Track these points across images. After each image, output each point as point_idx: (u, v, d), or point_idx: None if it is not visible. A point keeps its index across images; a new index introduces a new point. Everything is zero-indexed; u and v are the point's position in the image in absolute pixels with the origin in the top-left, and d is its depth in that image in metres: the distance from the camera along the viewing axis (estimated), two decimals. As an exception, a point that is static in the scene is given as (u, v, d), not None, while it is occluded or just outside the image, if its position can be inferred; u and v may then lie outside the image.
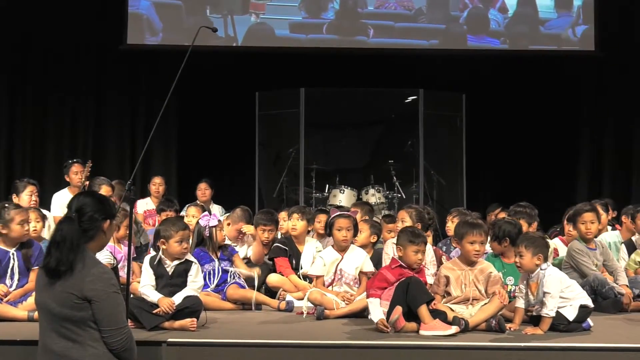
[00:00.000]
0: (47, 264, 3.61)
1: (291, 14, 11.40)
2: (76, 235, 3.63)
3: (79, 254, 3.61)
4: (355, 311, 5.58)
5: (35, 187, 7.52)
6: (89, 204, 3.73)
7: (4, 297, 5.39)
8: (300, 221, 6.84)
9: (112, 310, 3.62)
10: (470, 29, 11.40)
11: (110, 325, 3.60)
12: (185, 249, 5.28)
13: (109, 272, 3.74)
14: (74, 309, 3.56)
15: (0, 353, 4.46)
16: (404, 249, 5.23)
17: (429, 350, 4.59)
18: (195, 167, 10.91)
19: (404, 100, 11.47)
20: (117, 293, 3.67)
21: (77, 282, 3.57)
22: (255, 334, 4.91)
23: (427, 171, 10.98)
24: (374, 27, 11.40)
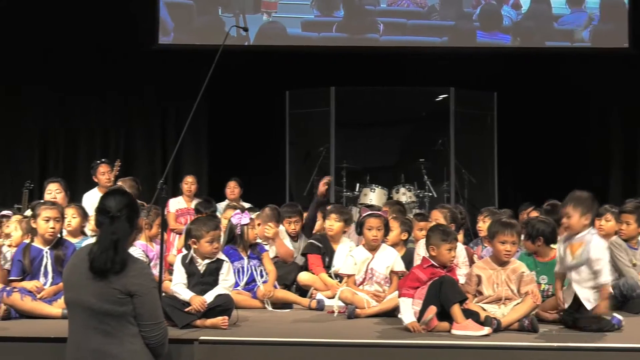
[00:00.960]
0: (102, 264, 3.61)
1: (303, 13, 11.42)
2: (126, 234, 3.70)
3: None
4: (386, 310, 5.56)
5: (57, 184, 7.47)
6: (127, 203, 3.77)
7: (38, 292, 5.45)
8: (337, 222, 6.81)
9: (152, 305, 3.69)
10: (483, 26, 11.32)
11: (150, 320, 3.66)
12: (216, 248, 5.29)
13: (148, 268, 3.85)
14: (116, 304, 3.60)
15: (35, 350, 4.51)
16: (438, 248, 5.19)
17: (461, 350, 4.56)
18: (226, 166, 10.95)
19: (434, 98, 11.42)
20: (156, 289, 3.75)
21: (120, 278, 3.61)
22: (286, 333, 4.91)
23: (458, 170, 10.93)
24: (385, 24, 11.36)
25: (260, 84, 11.07)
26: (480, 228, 6.98)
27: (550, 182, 10.89)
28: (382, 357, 4.58)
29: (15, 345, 4.57)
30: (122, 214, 3.71)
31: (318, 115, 11.02)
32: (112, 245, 3.63)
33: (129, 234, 3.73)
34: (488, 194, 11.13)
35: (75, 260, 3.79)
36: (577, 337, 4.75)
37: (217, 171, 11.14)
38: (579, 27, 11.35)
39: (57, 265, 5.63)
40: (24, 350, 4.53)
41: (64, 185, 7.32)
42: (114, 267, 3.61)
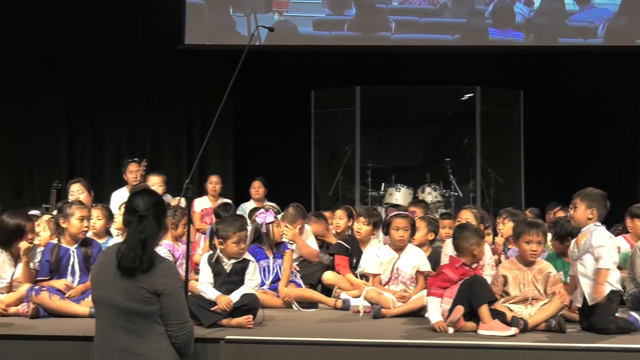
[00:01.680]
0: (131, 263, 3.64)
1: (314, 11, 11.42)
2: (155, 234, 3.72)
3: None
4: (412, 310, 5.54)
5: (79, 184, 7.48)
6: (154, 202, 3.80)
7: (67, 290, 5.49)
8: (365, 225, 6.79)
9: (179, 305, 3.70)
10: (496, 23, 11.26)
11: (177, 319, 3.68)
12: (243, 249, 5.28)
13: (175, 267, 3.86)
14: (143, 303, 3.62)
15: (63, 348, 4.54)
16: (479, 247, 5.16)
17: (487, 351, 4.53)
18: (251, 165, 10.98)
19: (460, 97, 11.38)
20: (182, 288, 3.78)
21: (147, 277, 3.64)
22: (312, 332, 4.91)
23: (484, 169, 10.88)
24: (396, 22, 11.34)
25: (285, 83, 11.09)
26: (500, 230, 6.93)
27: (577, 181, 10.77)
28: (408, 357, 4.56)
29: (44, 343, 4.61)
30: (150, 213, 3.73)
31: (343, 114, 11.02)
32: (140, 244, 3.65)
33: (156, 233, 3.75)
34: (514, 194, 11.06)
35: (104, 259, 3.81)
36: (604, 338, 4.70)
37: (242, 171, 11.17)
38: (593, 24, 11.23)
39: (84, 264, 5.67)
40: (52, 349, 4.57)
41: (86, 185, 7.37)
42: (142, 266, 3.63)
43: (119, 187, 9.03)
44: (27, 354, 4.56)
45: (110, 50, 11.15)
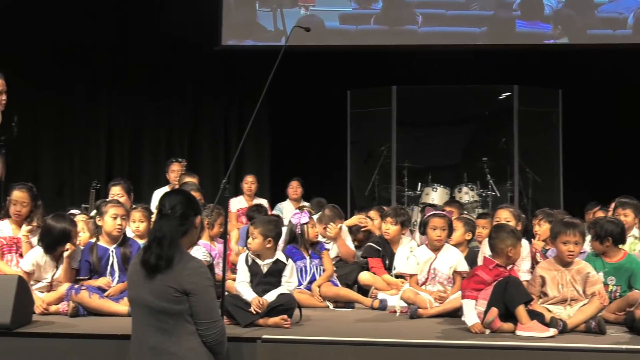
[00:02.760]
0: (147, 260, 3.71)
1: (341, 5, 11.38)
2: (175, 231, 3.74)
3: (177, 249, 3.71)
4: (449, 310, 5.51)
5: (119, 187, 7.46)
6: (180, 201, 3.85)
7: (108, 288, 5.55)
8: (393, 225, 6.78)
9: (208, 304, 3.72)
10: (524, 15, 11.15)
11: (206, 318, 3.70)
12: (268, 247, 5.25)
13: (204, 267, 3.87)
14: (172, 302, 3.65)
15: (102, 346, 4.59)
16: (515, 248, 5.12)
17: (525, 352, 4.48)
18: (288, 165, 11.00)
19: (497, 96, 11.29)
20: (212, 287, 3.78)
21: (175, 276, 3.67)
22: (348, 332, 4.90)
23: (522, 169, 10.78)
24: (423, 15, 11.28)
25: (321, 83, 11.09)
26: (537, 232, 6.85)
27: (617, 181, 10.64)
28: (445, 357, 4.53)
29: (83, 342, 4.65)
30: (174, 212, 3.79)
31: (379, 114, 10.99)
32: (156, 241, 3.71)
33: (178, 232, 3.77)
34: (553, 194, 10.94)
35: (137, 259, 3.87)
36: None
37: (279, 171, 11.20)
38: (622, 15, 11.06)
39: (123, 264, 5.71)
40: (92, 347, 4.61)
41: (125, 187, 7.43)
42: (159, 263, 3.67)
43: (158, 187, 9.13)
44: (67, 352, 4.61)
45: (149, 52, 11.25)
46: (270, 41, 11.26)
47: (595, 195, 9.24)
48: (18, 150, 10.56)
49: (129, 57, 11.34)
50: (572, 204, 9.57)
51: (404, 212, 7.20)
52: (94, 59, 11.31)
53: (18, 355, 4.61)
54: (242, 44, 11.34)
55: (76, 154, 11.44)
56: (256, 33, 11.35)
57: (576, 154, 11.02)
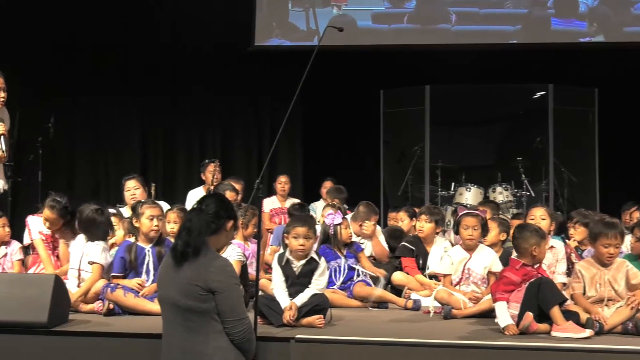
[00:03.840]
0: (175, 247, 3.81)
1: (373, 5, 11.35)
2: (204, 224, 3.82)
3: (203, 245, 3.78)
4: (483, 311, 5.46)
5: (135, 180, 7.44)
6: (215, 201, 3.96)
7: (141, 289, 5.59)
8: (428, 223, 6.77)
9: (234, 302, 3.76)
10: (558, 13, 11.03)
11: (232, 316, 3.74)
12: (303, 245, 5.23)
13: (231, 265, 3.92)
14: (199, 300, 3.69)
15: (136, 345, 4.63)
16: (539, 247, 5.08)
17: (561, 353, 4.44)
18: (320, 165, 11.00)
19: (532, 95, 11.19)
20: (238, 285, 3.84)
21: (201, 274, 3.72)
22: (382, 332, 4.89)
23: (558, 168, 10.67)
24: (457, 14, 11.20)
25: (354, 83, 11.07)
26: (572, 235, 6.78)
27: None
28: (479, 358, 4.50)
29: (118, 340, 4.70)
30: (207, 209, 3.89)
31: (413, 114, 10.96)
32: (185, 230, 3.82)
33: (207, 227, 3.83)
34: (589, 194, 10.82)
35: (167, 259, 3.94)
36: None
37: (312, 171, 11.20)
38: None
39: (158, 263, 5.74)
40: (127, 346, 4.65)
41: (141, 181, 7.45)
42: (187, 250, 3.75)
43: (192, 187, 9.20)
44: (102, 350, 4.66)
45: (182, 53, 11.32)
46: (303, 41, 11.27)
47: (633, 195, 9.12)
48: (54, 151, 10.73)
49: (163, 57, 11.42)
50: (609, 203, 9.47)
51: (438, 210, 7.19)
52: (128, 60, 11.41)
53: (55, 354, 4.67)
54: (274, 44, 11.37)
55: (111, 155, 11.55)
56: (289, 33, 11.37)
57: (612, 153, 10.88)
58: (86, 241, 5.80)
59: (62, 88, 11.23)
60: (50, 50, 11.17)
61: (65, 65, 11.24)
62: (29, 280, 5.14)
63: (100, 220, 5.82)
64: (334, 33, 6.06)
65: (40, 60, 11.06)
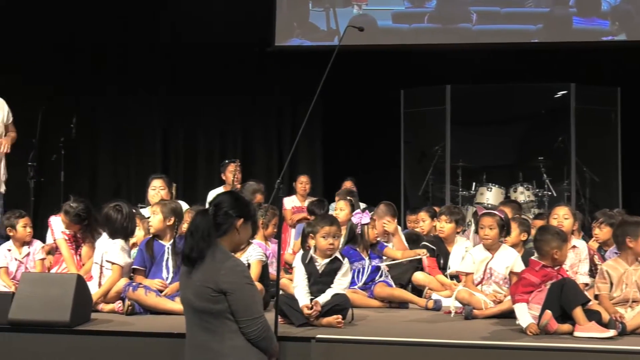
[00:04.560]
0: (183, 251, 3.84)
1: (394, 4, 11.32)
2: (207, 227, 3.80)
3: (211, 245, 3.77)
4: (505, 311, 5.43)
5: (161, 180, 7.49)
6: (225, 200, 3.93)
7: (163, 288, 5.62)
8: (448, 223, 6.75)
9: (247, 301, 3.75)
10: (580, 11, 10.94)
11: (246, 316, 3.73)
12: (332, 244, 5.25)
13: (242, 265, 3.91)
14: (211, 301, 3.70)
15: (159, 344, 4.65)
16: (560, 250, 5.04)
17: (583, 353, 4.40)
18: (341, 165, 10.99)
19: (553, 95, 11.12)
20: (250, 285, 3.82)
21: (212, 276, 3.72)
22: (403, 332, 4.88)
23: (580, 168, 10.59)
24: (478, 13, 11.14)
25: (374, 82, 11.04)
26: (596, 235, 6.72)
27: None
28: (501, 359, 4.48)
29: (140, 339, 4.72)
30: (214, 209, 3.88)
31: (433, 113, 10.92)
32: (188, 233, 3.83)
33: (212, 227, 3.81)
34: (611, 193, 10.73)
35: None
36: None
37: (332, 171, 11.20)
38: None
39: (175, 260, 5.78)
40: (148, 345, 4.67)
41: (167, 181, 7.48)
42: (191, 254, 3.75)
43: (212, 187, 9.22)
44: (124, 349, 4.68)
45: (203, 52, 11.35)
46: (323, 41, 11.27)
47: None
48: (77, 151, 10.81)
49: (183, 58, 11.46)
50: (631, 203, 9.39)
51: (458, 210, 7.17)
52: (149, 60, 11.45)
53: (77, 353, 4.70)
54: (295, 44, 11.38)
55: (132, 155, 11.61)
56: (309, 33, 11.37)
57: (635, 152, 10.78)
58: (108, 238, 5.84)
59: (84, 89, 11.31)
60: (73, 51, 11.25)
61: (88, 65, 11.31)
62: (52, 279, 5.18)
63: (115, 217, 5.82)
64: (355, 33, 6.06)
65: (64, 61, 11.14)
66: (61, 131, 9.97)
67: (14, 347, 4.74)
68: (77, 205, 6.28)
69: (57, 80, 10.87)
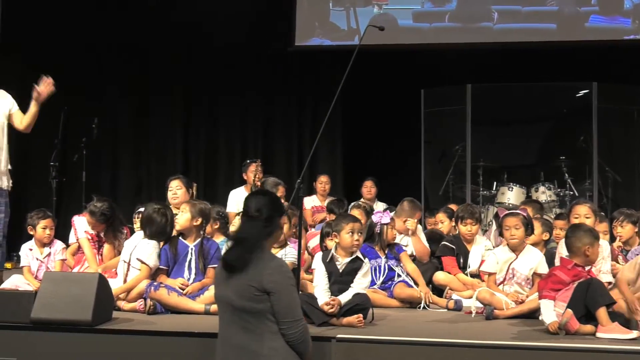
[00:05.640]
0: (226, 258, 3.80)
1: (414, 3, 11.30)
2: (260, 233, 3.80)
3: (258, 251, 3.76)
4: (526, 312, 5.41)
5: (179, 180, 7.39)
6: (266, 203, 3.89)
7: (184, 288, 5.64)
8: (474, 225, 6.73)
9: (290, 302, 3.74)
10: (602, 10, 10.86)
11: (288, 317, 3.72)
12: (357, 241, 5.26)
13: (286, 266, 3.90)
14: (253, 301, 3.68)
15: (180, 344, 4.66)
16: (592, 247, 5.01)
17: (605, 354, 4.37)
18: (361, 165, 10.98)
19: (575, 94, 11.04)
20: (293, 286, 3.81)
21: (256, 275, 3.70)
22: (423, 332, 4.87)
23: (602, 167, 10.51)
24: (499, 12, 11.09)
25: (394, 82, 11.03)
26: (619, 233, 6.66)
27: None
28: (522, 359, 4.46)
29: (162, 339, 4.73)
30: (260, 214, 3.84)
31: (454, 113, 10.88)
32: (238, 241, 3.80)
33: (263, 234, 3.81)
34: (634, 193, 10.65)
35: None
36: None
37: (352, 171, 11.19)
38: None
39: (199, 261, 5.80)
40: (170, 345, 4.69)
41: (184, 182, 7.51)
42: (236, 264, 3.73)
43: (233, 187, 9.25)
44: (146, 349, 4.70)
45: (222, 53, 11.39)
46: (344, 40, 11.27)
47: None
48: (98, 152, 10.88)
49: (202, 57, 11.50)
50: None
51: (476, 209, 7.15)
52: (170, 60, 11.51)
53: (99, 351, 4.73)
54: (315, 43, 11.39)
55: (153, 155, 11.67)
56: (329, 32, 11.38)
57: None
58: (143, 237, 5.87)
59: (105, 89, 11.39)
60: (95, 52, 11.33)
61: (110, 66, 11.39)
62: (74, 278, 5.21)
63: (160, 220, 5.86)
64: (375, 32, 6.05)
65: (84, 62, 11.22)
66: (83, 132, 10.05)
67: (36, 346, 4.77)
68: (101, 204, 6.34)
69: (79, 81, 10.94)
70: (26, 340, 4.79)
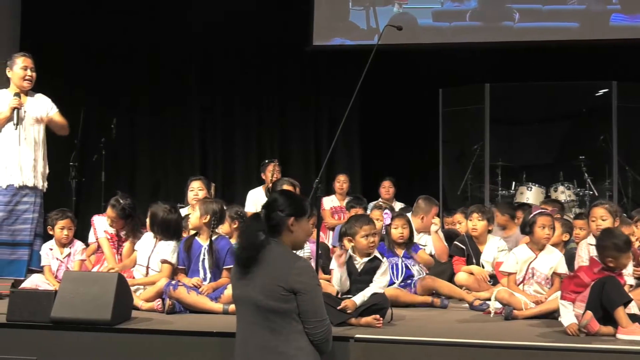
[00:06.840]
0: (236, 254, 3.85)
1: (434, 3, 11.27)
2: (255, 230, 3.81)
3: (261, 248, 3.76)
4: (545, 312, 5.38)
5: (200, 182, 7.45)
6: (277, 200, 3.91)
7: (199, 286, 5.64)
8: (480, 221, 6.71)
9: (316, 303, 3.75)
10: (624, 8, 10.80)
11: (315, 317, 3.73)
12: (373, 243, 5.26)
13: (311, 266, 3.93)
14: (280, 300, 3.68)
15: (199, 343, 4.67)
16: (620, 258, 4.91)
17: (625, 355, 4.33)
18: (379, 164, 10.96)
19: (595, 93, 10.97)
20: (319, 286, 3.82)
21: (283, 275, 3.70)
22: (441, 332, 4.85)
23: (622, 167, 10.44)
24: (520, 11, 11.03)
25: (413, 81, 11.01)
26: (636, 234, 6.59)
27: None
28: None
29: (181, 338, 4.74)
30: (267, 211, 3.87)
31: (472, 112, 10.84)
32: (240, 235, 3.94)
33: (258, 230, 3.81)
34: (654, 193, 10.57)
35: None
36: None
37: (370, 170, 11.17)
38: None
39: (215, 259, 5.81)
40: (189, 344, 4.70)
41: (205, 183, 7.53)
42: (243, 255, 3.77)
43: (251, 187, 9.27)
44: (165, 348, 4.71)
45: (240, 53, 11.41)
46: (363, 39, 11.25)
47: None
48: (117, 152, 10.94)
49: (220, 58, 11.53)
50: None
51: (489, 208, 7.13)
52: (187, 60, 11.55)
53: (118, 350, 4.75)
54: (335, 43, 11.38)
55: (171, 155, 11.71)
56: (349, 32, 11.38)
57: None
58: (159, 240, 5.89)
59: (124, 91, 11.44)
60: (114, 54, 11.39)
61: (126, 67, 11.44)
62: (93, 278, 5.23)
63: (173, 218, 5.91)
64: (395, 31, 6.03)
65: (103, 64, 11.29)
66: (102, 132, 10.11)
67: (56, 345, 4.80)
68: (125, 200, 6.39)
69: (99, 83, 11.00)
70: (46, 340, 4.81)
